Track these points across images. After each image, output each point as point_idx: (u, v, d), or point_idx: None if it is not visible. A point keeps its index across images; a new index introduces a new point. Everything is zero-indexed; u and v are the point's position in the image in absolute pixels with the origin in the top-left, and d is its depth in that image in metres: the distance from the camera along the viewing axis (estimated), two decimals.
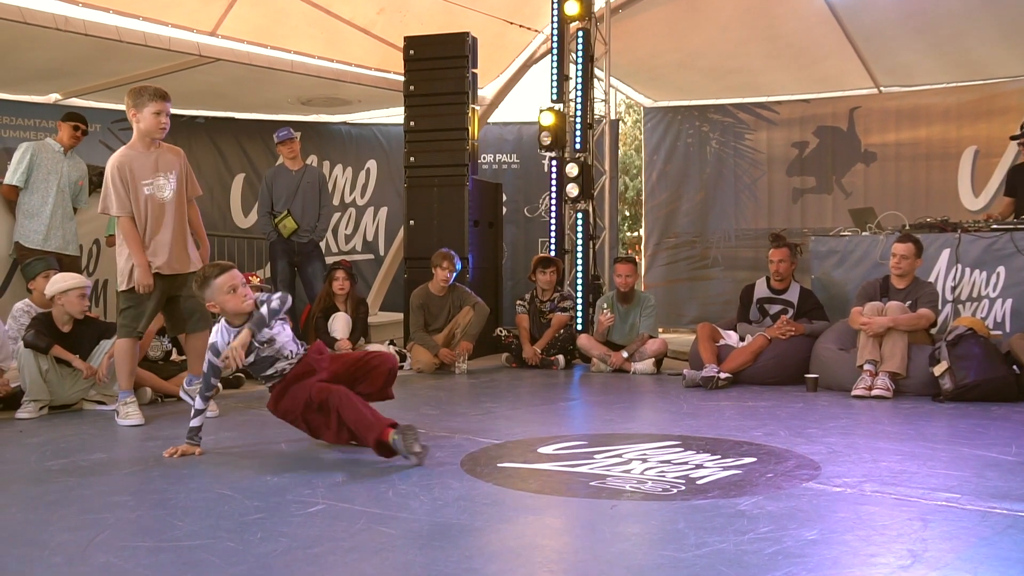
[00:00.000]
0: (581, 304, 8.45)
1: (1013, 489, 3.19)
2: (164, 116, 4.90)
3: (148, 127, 4.89)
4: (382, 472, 3.52)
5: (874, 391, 5.66)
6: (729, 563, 2.35)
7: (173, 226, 4.96)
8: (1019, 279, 6.31)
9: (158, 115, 4.87)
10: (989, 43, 9.26)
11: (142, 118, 4.87)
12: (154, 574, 2.31)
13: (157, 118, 4.87)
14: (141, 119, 4.88)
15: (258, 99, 10.20)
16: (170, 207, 4.97)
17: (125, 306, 4.87)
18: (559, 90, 8.86)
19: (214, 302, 3.92)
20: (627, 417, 5.23)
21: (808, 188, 10.85)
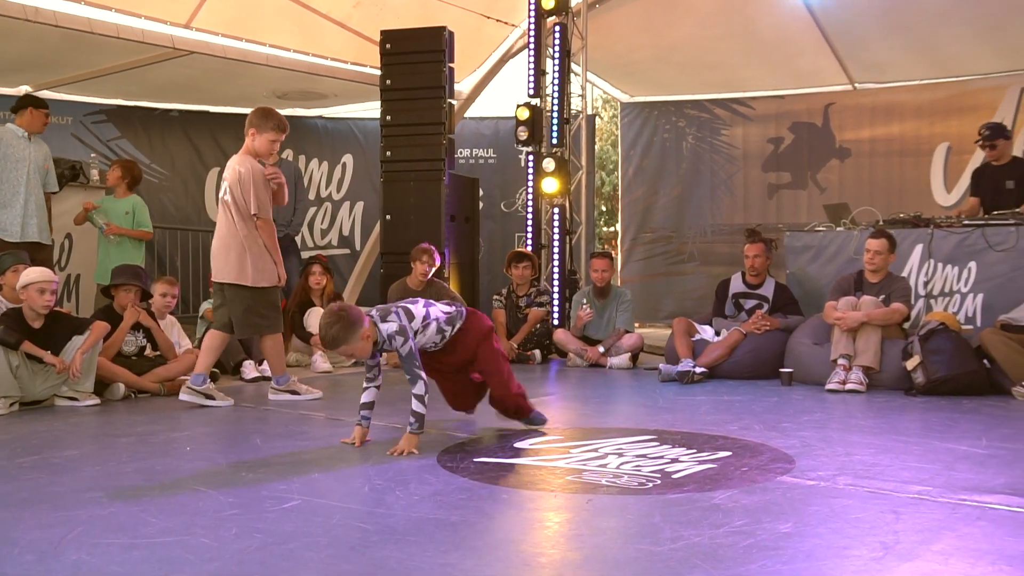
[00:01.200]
0: (557, 299, 8.46)
1: (983, 481, 3.22)
2: (277, 145, 5.32)
3: (260, 149, 5.27)
4: (358, 468, 3.51)
5: (848, 385, 5.71)
6: (704, 556, 2.36)
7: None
8: (990, 274, 6.37)
9: (273, 143, 5.28)
10: (961, 41, 9.36)
11: (259, 139, 5.24)
12: (127, 572, 2.29)
13: (272, 145, 5.28)
14: (258, 139, 5.25)
15: (233, 92, 10.13)
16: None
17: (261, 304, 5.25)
18: (536, 85, 8.86)
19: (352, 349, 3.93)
20: (603, 412, 5.24)
21: (783, 184, 10.92)
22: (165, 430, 4.48)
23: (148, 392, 5.64)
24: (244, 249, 5.18)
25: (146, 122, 10.48)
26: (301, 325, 7.44)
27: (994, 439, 4.08)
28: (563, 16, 8.75)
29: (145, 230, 7.21)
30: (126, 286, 5.89)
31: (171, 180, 10.65)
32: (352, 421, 4.08)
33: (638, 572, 2.27)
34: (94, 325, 5.34)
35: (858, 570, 2.28)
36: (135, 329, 5.86)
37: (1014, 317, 5.84)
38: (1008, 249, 6.29)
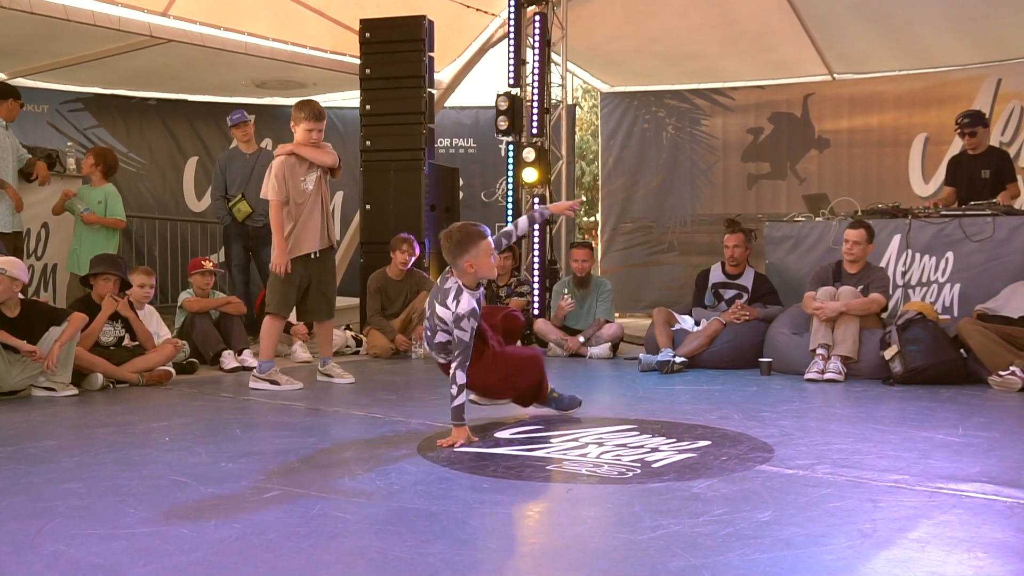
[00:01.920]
0: (538, 289, 8.46)
1: (959, 470, 3.25)
2: (315, 133, 5.56)
3: (299, 140, 5.57)
4: (338, 457, 3.50)
5: (826, 375, 5.75)
6: (684, 545, 2.37)
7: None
8: (967, 264, 6.43)
9: (310, 132, 5.53)
10: (939, 32, 9.42)
11: (297, 131, 5.55)
12: (105, 562, 2.28)
13: (308, 134, 5.53)
14: (297, 131, 5.56)
15: (211, 81, 10.05)
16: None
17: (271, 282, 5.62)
18: (516, 75, 8.84)
19: (473, 262, 3.79)
20: (583, 401, 5.25)
21: (763, 174, 10.96)
22: (144, 420, 4.45)
23: (126, 382, 5.60)
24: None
25: (123, 110, 10.39)
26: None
27: (970, 428, 4.12)
28: (543, 5, 8.73)
29: (118, 219, 7.15)
30: (105, 275, 5.84)
31: (149, 169, 10.57)
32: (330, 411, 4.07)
33: (618, 561, 2.28)
34: (72, 317, 5.29)
35: (836, 558, 2.29)
36: (113, 319, 5.81)
37: (990, 307, 5.90)
38: (984, 239, 6.35)
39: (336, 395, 5.25)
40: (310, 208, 5.57)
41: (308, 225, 5.56)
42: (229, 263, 8.16)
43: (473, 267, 3.78)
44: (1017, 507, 2.76)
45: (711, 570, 2.18)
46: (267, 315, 5.61)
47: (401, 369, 6.62)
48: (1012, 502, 2.81)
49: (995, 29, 9.18)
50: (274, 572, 2.21)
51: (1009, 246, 6.26)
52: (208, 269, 6.85)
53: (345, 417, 4.51)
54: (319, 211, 5.61)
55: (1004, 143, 9.39)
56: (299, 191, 5.54)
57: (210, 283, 6.89)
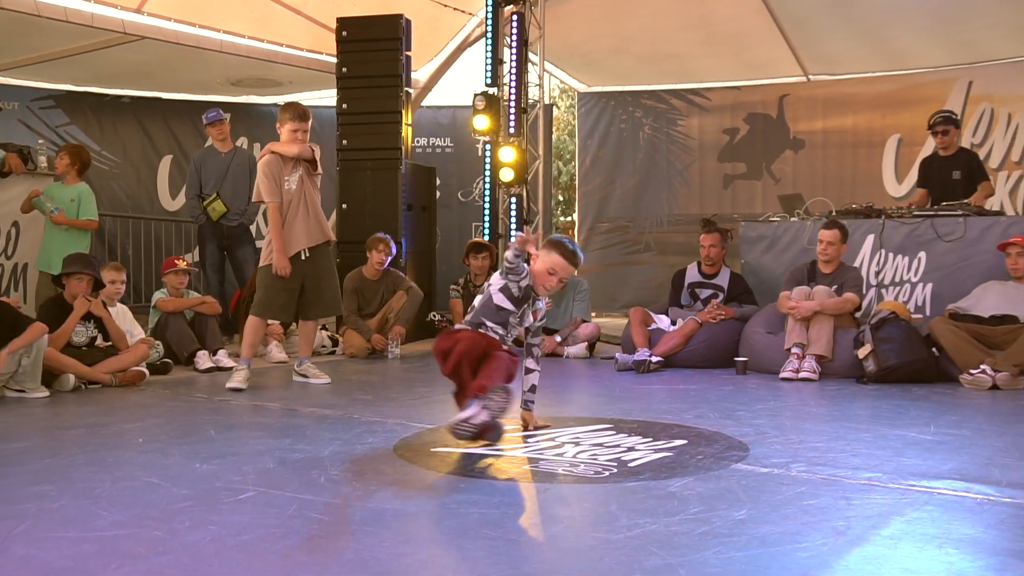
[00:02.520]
0: None
1: (931, 467, 3.29)
2: (300, 134, 5.57)
3: (284, 140, 5.60)
4: (314, 458, 3.48)
5: (801, 374, 5.79)
6: (660, 544, 2.38)
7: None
8: (939, 264, 6.50)
9: (294, 132, 5.55)
10: (911, 34, 9.51)
11: (282, 132, 5.60)
12: (77, 566, 2.25)
13: (293, 134, 5.55)
14: (281, 132, 5.61)
15: (186, 79, 9.98)
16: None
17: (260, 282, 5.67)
18: (493, 74, 8.84)
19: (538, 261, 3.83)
20: (560, 401, 5.26)
21: (738, 174, 11.02)
22: (116, 421, 4.41)
23: (99, 383, 5.54)
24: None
25: (96, 108, 10.29)
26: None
27: (942, 426, 4.17)
28: (520, 5, 8.73)
29: (90, 219, 7.09)
30: (78, 275, 5.77)
31: (122, 167, 10.46)
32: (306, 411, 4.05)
33: (594, 560, 2.29)
34: (31, 327, 5.17)
35: (811, 555, 2.31)
36: (86, 319, 5.75)
37: (962, 306, 5.97)
38: (956, 239, 6.42)
39: (312, 395, 5.22)
40: (294, 208, 5.57)
41: (294, 225, 5.56)
42: (203, 262, 8.10)
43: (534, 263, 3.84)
44: (987, 503, 2.79)
45: (687, 568, 2.19)
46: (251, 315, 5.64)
47: (377, 369, 6.60)
48: (982, 499, 2.84)
49: (966, 32, 9.27)
50: (249, 573, 2.20)
51: (980, 246, 6.34)
52: (182, 268, 6.80)
53: (321, 417, 4.49)
54: (304, 209, 5.60)
55: (975, 144, 9.50)
56: (283, 191, 5.56)
57: (184, 282, 6.84)
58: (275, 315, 5.75)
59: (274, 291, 5.55)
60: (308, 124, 5.63)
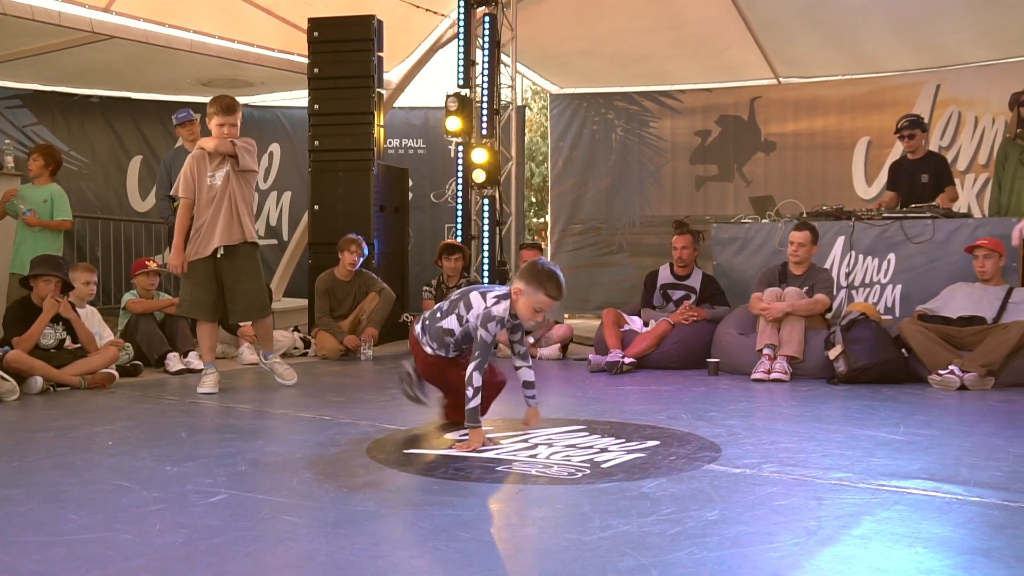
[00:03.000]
0: None
1: (900, 467, 3.32)
2: (227, 128, 5.35)
3: (214, 135, 5.40)
4: (286, 460, 3.46)
5: (772, 375, 5.83)
6: (633, 545, 2.38)
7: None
8: (908, 266, 6.57)
9: (220, 127, 5.33)
10: (880, 38, 9.62)
11: (211, 126, 5.39)
12: (45, 570, 2.22)
13: (219, 129, 5.34)
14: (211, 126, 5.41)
15: (156, 79, 9.89)
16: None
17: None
18: (466, 75, 8.83)
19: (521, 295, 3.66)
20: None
21: (710, 176, 11.09)
22: (86, 424, 4.36)
23: (68, 385, 5.47)
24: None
25: (64, 108, 10.18)
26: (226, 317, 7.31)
27: (911, 426, 4.21)
28: (492, 7, 8.74)
29: (64, 219, 7.01)
30: (45, 277, 5.70)
31: (91, 168, 10.36)
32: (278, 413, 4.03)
33: (568, 561, 2.29)
34: None
35: (782, 555, 2.32)
36: (54, 321, 5.67)
37: (931, 307, 6.03)
38: (925, 241, 6.49)
39: (284, 397, 5.19)
40: (217, 205, 5.33)
41: (212, 223, 5.34)
42: None
43: (517, 297, 3.68)
44: (956, 503, 2.82)
45: (660, 569, 2.20)
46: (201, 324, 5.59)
47: (350, 371, 6.57)
48: (951, 498, 2.88)
49: (934, 36, 9.40)
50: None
51: (948, 248, 6.42)
52: (152, 269, 6.74)
53: (293, 419, 4.46)
54: (226, 208, 5.34)
55: (943, 147, 9.62)
56: (203, 188, 5.35)
57: (154, 284, 6.78)
58: (198, 314, 5.51)
59: (188, 290, 5.44)
60: (236, 118, 5.36)
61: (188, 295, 5.46)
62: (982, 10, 8.89)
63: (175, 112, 8.09)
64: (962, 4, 8.85)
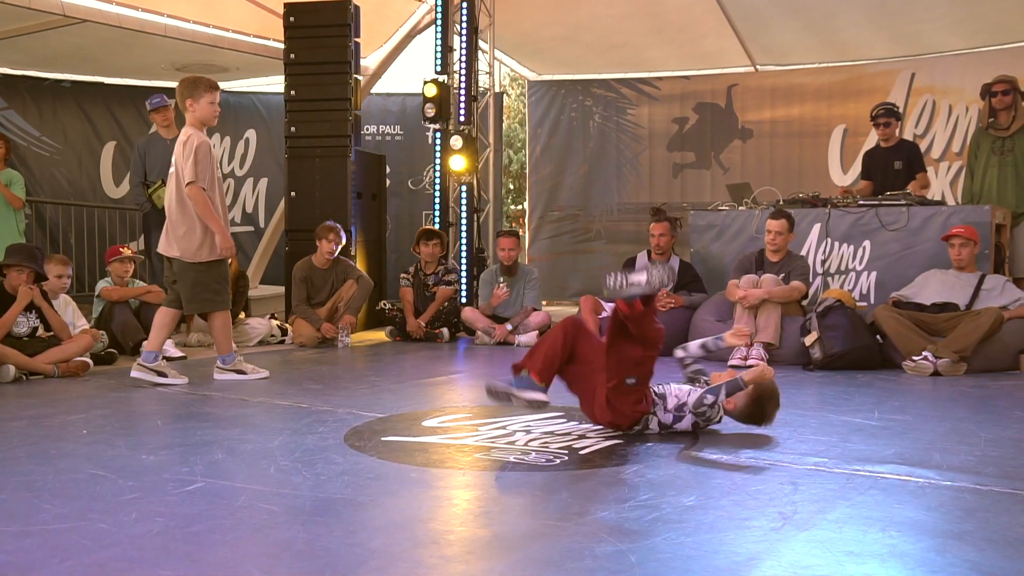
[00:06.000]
0: (465, 277, 8.45)
1: (875, 452, 3.35)
2: (217, 105, 5.29)
3: (204, 115, 5.26)
4: (263, 448, 3.45)
5: (749, 361, 5.85)
6: (611, 531, 2.39)
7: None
8: (883, 253, 6.62)
9: (212, 104, 5.25)
10: (856, 26, 9.66)
11: (198, 107, 5.22)
12: (19, 560, 2.20)
13: (212, 107, 5.26)
14: (197, 108, 5.23)
15: (129, 63, 9.78)
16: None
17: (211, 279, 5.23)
18: (443, 62, 8.79)
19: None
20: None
21: (688, 163, 11.11)
22: (59, 413, 4.32)
23: (41, 374, 5.42)
24: (186, 222, 5.20)
25: (35, 92, 10.05)
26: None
27: (885, 411, 4.25)
28: None
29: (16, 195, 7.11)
30: (18, 267, 5.63)
31: (64, 154, 10.24)
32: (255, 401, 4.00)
33: (546, 547, 2.29)
34: None
35: (758, 540, 2.34)
36: (27, 310, 5.61)
37: (905, 294, 6.09)
38: (899, 229, 6.54)
39: (261, 385, 5.17)
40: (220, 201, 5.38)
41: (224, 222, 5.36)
42: (149, 251, 7.96)
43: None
44: (928, 487, 2.86)
45: (638, 554, 2.21)
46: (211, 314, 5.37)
47: (327, 358, 6.55)
48: (924, 482, 2.91)
49: (910, 24, 9.45)
50: (198, 566, 2.17)
51: (922, 235, 6.47)
52: (127, 256, 6.68)
53: (270, 407, 4.45)
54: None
55: (918, 135, 9.69)
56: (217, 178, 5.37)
57: (129, 271, 6.73)
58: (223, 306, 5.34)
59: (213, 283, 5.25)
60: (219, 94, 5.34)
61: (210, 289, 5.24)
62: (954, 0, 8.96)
63: (149, 97, 8.02)
64: None
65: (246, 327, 7.29)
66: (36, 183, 9.82)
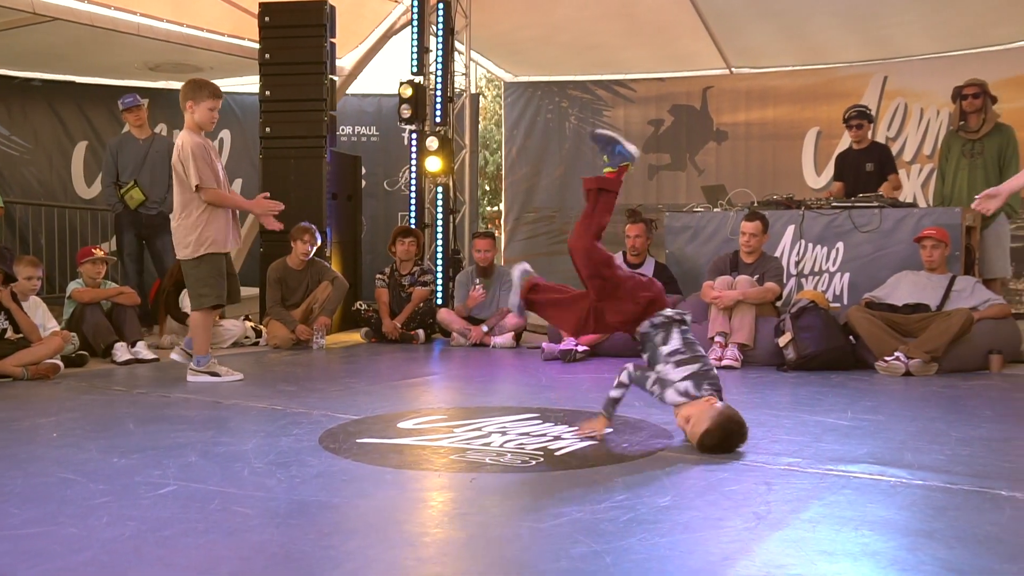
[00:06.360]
0: (441, 278, 8.44)
1: (848, 452, 3.38)
2: (216, 112, 5.32)
3: (201, 120, 5.26)
4: (237, 451, 3.42)
5: (724, 361, 5.89)
6: (586, 532, 2.39)
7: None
8: (856, 254, 6.67)
9: (212, 111, 5.28)
10: (830, 29, 9.74)
11: (197, 110, 5.23)
12: None
13: (211, 113, 5.28)
14: (196, 111, 5.24)
15: (101, 63, 9.69)
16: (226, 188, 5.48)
17: (206, 274, 5.25)
18: (419, 63, 8.78)
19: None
20: (487, 391, 5.26)
21: (663, 165, 11.15)
22: (29, 416, 4.27)
23: (10, 376, 5.36)
24: (179, 222, 5.28)
25: (4, 91, 9.94)
26: (176, 305, 7.23)
27: (858, 411, 4.28)
28: None
29: None
30: None
31: (34, 154, 10.13)
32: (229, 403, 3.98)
33: (522, 549, 2.29)
34: None
35: (732, 540, 2.35)
36: None
37: (877, 295, 6.14)
38: (872, 230, 6.60)
39: (235, 387, 5.13)
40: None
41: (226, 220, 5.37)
42: (121, 252, 7.91)
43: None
44: (900, 486, 2.88)
45: (613, 555, 2.21)
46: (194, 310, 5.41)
47: (302, 360, 6.52)
48: (896, 481, 2.93)
49: (882, 28, 9.54)
50: (170, 570, 2.15)
51: (895, 237, 6.53)
52: (99, 257, 6.61)
53: (244, 410, 4.41)
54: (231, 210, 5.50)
55: (890, 138, 9.79)
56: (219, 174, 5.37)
57: (101, 272, 6.66)
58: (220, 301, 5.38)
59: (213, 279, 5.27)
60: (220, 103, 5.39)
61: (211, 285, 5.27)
62: (925, 4, 9.05)
63: (122, 97, 7.96)
64: None
65: (220, 328, 7.23)
66: (6, 183, 9.70)
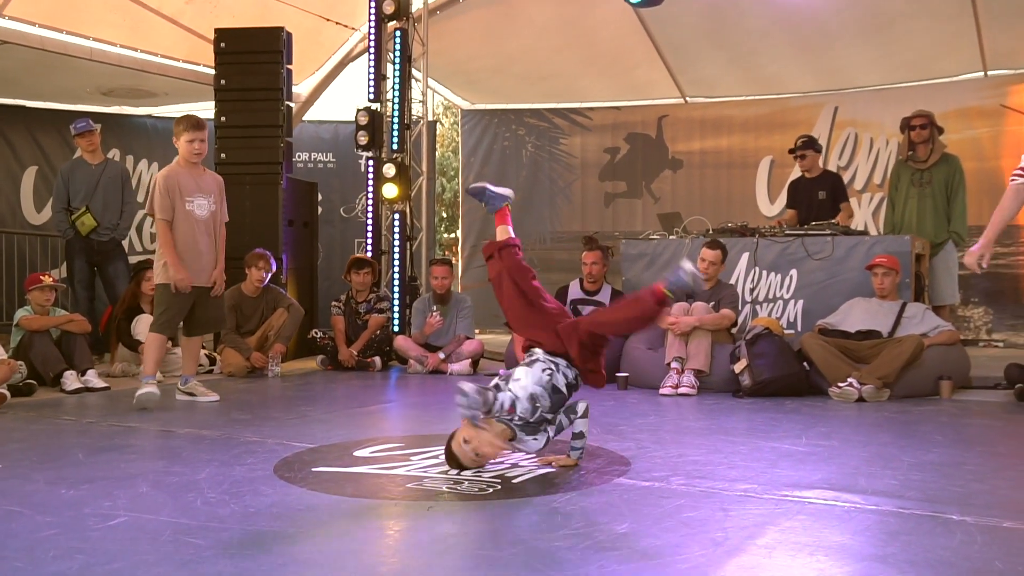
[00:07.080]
0: (398, 305, 8.41)
1: (803, 478, 3.41)
2: (197, 143, 5.52)
3: (183, 152, 5.54)
4: (189, 481, 3.36)
5: (680, 388, 5.92)
6: (544, 559, 2.38)
7: (206, 242, 5.59)
8: (809, 281, 6.77)
9: (191, 143, 5.50)
10: (781, 60, 9.93)
11: (179, 144, 5.55)
12: None
13: (190, 145, 5.50)
14: (179, 146, 5.56)
15: (53, 87, 9.56)
16: (208, 225, 5.61)
17: (160, 301, 5.52)
18: (376, 89, 8.78)
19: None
20: (444, 418, 5.22)
21: (619, 192, 11.25)
22: None
23: None
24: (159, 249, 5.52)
25: None
26: (128, 333, 7.11)
27: (812, 437, 4.33)
28: (404, 21, 8.71)
29: None
30: None
31: None
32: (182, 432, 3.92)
33: None
34: None
35: (690, 567, 2.35)
36: None
37: (830, 322, 6.23)
38: (825, 258, 6.70)
39: (188, 416, 5.05)
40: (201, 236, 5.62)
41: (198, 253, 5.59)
42: (72, 279, 7.77)
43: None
44: (854, 511, 2.91)
45: None
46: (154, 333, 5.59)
47: (257, 388, 6.44)
48: (850, 507, 2.96)
49: (833, 59, 9.75)
50: None
51: (847, 264, 6.64)
52: (48, 284, 6.49)
53: (197, 439, 4.34)
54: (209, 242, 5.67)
55: (841, 167, 9.98)
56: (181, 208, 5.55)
57: (50, 299, 6.53)
58: (170, 332, 5.68)
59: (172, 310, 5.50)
60: (204, 133, 5.59)
61: (169, 315, 5.51)
62: (872, 37, 9.28)
63: (74, 122, 7.85)
64: (853, 30, 9.23)
65: (173, 356, 7.12)
66: None
